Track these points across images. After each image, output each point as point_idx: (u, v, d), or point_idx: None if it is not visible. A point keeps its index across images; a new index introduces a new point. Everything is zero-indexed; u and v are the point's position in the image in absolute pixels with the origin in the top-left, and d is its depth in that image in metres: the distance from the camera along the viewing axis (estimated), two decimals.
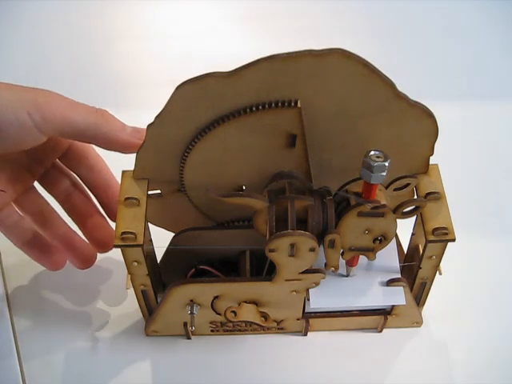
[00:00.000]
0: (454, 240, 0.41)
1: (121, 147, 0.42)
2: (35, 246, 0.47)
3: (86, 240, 0.49)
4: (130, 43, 0.73)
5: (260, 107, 0.38)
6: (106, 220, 0.49)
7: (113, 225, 0.48)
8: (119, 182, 0.43)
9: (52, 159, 0.47)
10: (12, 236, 0.47)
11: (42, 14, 0.76)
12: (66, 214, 0.49)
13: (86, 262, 0.49)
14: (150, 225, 0.45)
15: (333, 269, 0.42)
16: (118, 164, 0.44)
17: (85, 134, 0.41)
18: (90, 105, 0.42)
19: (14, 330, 0.50)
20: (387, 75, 0.36)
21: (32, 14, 0.76)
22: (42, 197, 0.48)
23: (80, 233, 0.49)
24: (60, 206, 0.49)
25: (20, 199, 0.46)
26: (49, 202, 0.48)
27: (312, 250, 0.39)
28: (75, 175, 0.48)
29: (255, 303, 0.45)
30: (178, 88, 0.37)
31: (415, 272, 0.45)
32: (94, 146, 0.45)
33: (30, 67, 0.70)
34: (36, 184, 0.47)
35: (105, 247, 0.49)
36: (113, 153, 0.43)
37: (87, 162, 0.47)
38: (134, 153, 0.42)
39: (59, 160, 0.47)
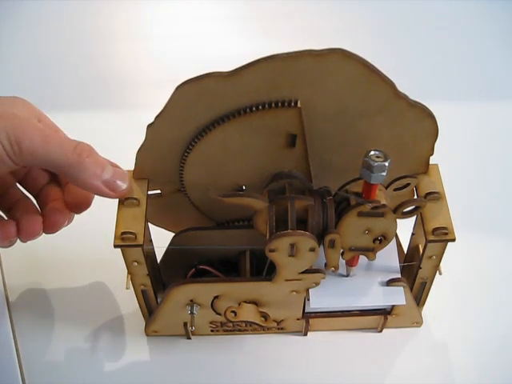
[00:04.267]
0: (454, 240, 0.41)
1: (93, 192, 0.41)
2: None
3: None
4: (130, 43, 0.73)
5: (260, 107, 0.38)
6: (65, 207, 0.45)
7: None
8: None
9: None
10: None
11: (45, 14, 0.76)
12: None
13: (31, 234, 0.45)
14: (150, 225, 0.45)
15: (333, 269, 0.42)
16: (117, 164, 0.44)
17: (57, 170, 0.40)
18: (69, 137, 0.40)
19: (13, 330, 0.50)
20: (387, 75, 0.36)
21: (37, 14, 0.76)
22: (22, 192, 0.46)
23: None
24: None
25: None
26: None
27: (312, 249, 0.39)
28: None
29: (255, 303, 0.45)
30: (178, 88, 0.37)
31: (415, 272, 0.45)
32: None
33: (30, 68, 0.70)
34: None
35: (53, 229, 0.45)
36: (113, 152, 0.43)
37: None
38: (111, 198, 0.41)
39: None
